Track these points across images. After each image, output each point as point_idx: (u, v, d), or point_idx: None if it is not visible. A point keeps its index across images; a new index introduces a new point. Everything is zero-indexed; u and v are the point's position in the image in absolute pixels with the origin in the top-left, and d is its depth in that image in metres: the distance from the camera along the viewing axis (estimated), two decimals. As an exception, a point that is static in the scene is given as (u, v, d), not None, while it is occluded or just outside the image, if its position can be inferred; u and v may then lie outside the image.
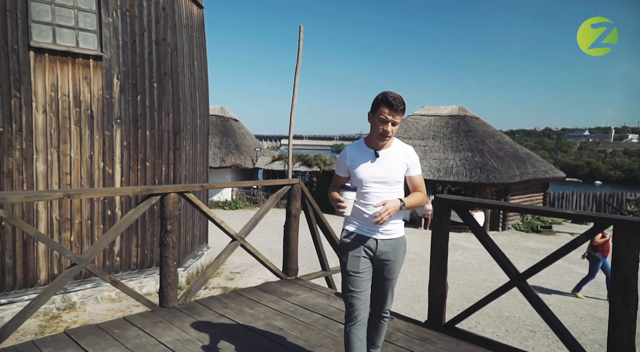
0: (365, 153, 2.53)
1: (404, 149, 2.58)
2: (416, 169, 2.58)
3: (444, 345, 3.23)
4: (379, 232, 2.50)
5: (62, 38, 7.40)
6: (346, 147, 2.63)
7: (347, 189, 2.35)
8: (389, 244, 2.51)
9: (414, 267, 11.83)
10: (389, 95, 2.37)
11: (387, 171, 2.48)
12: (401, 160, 2.52)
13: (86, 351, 2.92)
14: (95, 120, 7.80)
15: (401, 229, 2.60)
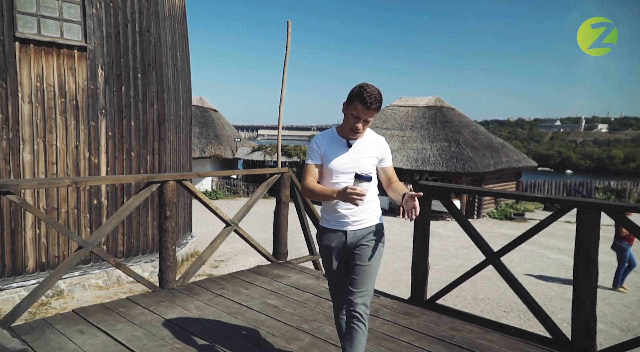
0: (338, 142, 2.44)
1: (376, 139, 2.49)
2: (389, 160, 2.52)
3: (426, 318, 3.54)
4: (349, 224, 2.40)
5: (47, 29, 7.40)
6: (317, 135, 2.53)
7: (363, 179, 2.15)
8: (359, 233, 2.41)
9: (394, 254, 12.23)
10: (365, 91, 2.25)
11: (359, 161, 2.40)
12: (373, 151, 2.44)
13: (96, 326, 3.12)
14: (80, 111, 7.84)
15: (375, 217, 2.47)
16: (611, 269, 11.28)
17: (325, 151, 2.43)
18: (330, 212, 2.46)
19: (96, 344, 2.88)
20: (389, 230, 15.84)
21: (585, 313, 3.07)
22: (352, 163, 2.39)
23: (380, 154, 2.47)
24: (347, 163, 2.39)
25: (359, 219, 2.40)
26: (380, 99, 2.28)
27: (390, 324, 3.39)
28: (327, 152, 2.42)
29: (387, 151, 2.51)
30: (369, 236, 2.42)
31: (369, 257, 2.39)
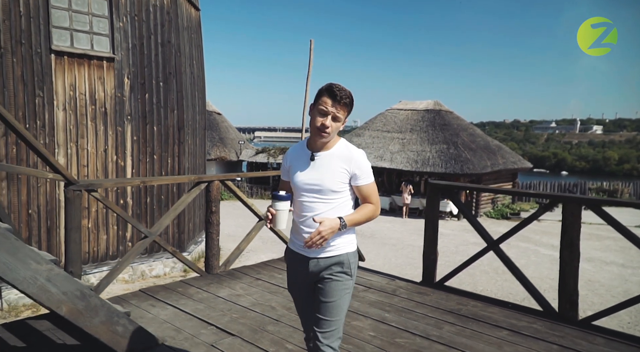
0: (303, 154, 2.16)
1: (347, 152, 2.11)
2: (365, 178, 2.11)
3: (437, 296, 4.18)
4: (312, 250, 2.08)
5: (79, 42, 8.02)
6: (291, 147, 2.30)
7: (277, 198, 1.98)
8: (322, 263, 2.10)
9: (397, 251, 12.87)
10: (334, 86, 2.03)
11: (321, 177, 2.08)
12: (341, 166, 2.08)
13: (164, 301, 3.74)
14: (108, 117, 8.45)
15: (345, 244, 2.13)
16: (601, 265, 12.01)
17: (290, 165, 2.19)
18: (295, 232, 2.20)
19: (168, 314, 3.50)
20: (390, 229, 16.50)
21: (569, 289, 3.71)
22: (313, 180, 2.08)
23: (351, 170, 2.09)
24: (308, 179, 2.09)
25: (324, 245, 2.06)
26: (351, 97, 2.06)
27: (406, 301, 4.02)
28: (292, 167, 2.17)
29: (362, 167, 2.10)
30: (334, 267, 2.09)
31: (333, 293, 2.08)
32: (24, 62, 7.36)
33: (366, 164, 2.13)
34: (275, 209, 2.01)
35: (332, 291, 2.09)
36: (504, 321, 3.61)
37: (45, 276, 2.49)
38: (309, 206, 2.10)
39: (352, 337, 3.24)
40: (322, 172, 2.09)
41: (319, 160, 2.11)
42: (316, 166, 2.10)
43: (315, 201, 2.09)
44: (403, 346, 3.13)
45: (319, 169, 2.10)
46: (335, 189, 2.08)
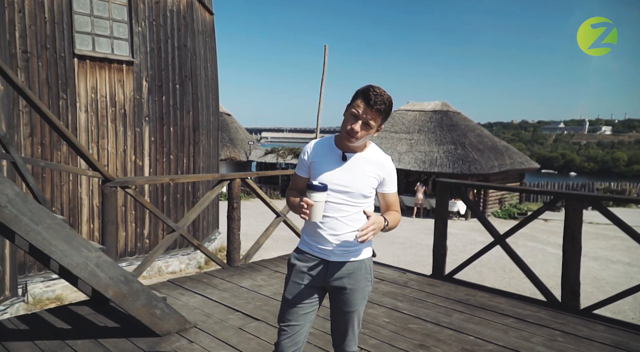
0: (331, 152, 2.06)
1: (380, 158, 2.07)
2: (392, 186, 2.10)
3: (447, 288, 4.42)
4: (333, 252, 2.02)
5: (100, 46, 8.35)
6: (311, 141, 2.18)
7: (315, 188, 1.88)
8: (344, 269, 2.02)
9: (405, 249, 13.11)
10: (371, 89, 1.91)
11: (353, 180, 2.00)
12: (373, 171, 2.04)
13: (191, 291, 4.02)
14: (127, 119, 8.77)
15: (366, 250, 2.09)
16: (607, 263, 12.18)
17: (314, 162, 2.07)
18: (311, 234, 2.08)
19: (197, 301, 3.78)
20: (398, 228, 16.72)
21: (571, 280, 3.95)
22: (344, 180, 2.00)
23: (382, 176, 2.05)
24: (339, 180, 2.00)
25: (346, 249, 2.02)
26: (389, 103, 1.94)
27: (418, 291, 4.27)
28: (317, 164, 2.05)
29: (391, 174, 2.09)
30: (357, 273, 2.04)
31: (356, 301, 2.04)
32: (48, 66, 7.70)
33: (395, 171, 2.10)
34: (312, 200, 1.87)
35: (355, 300, 2.03)
36: (509, 310, 3.85)
37: (94, 262, 2.77)
38: (336, 207, 2.00)
39: (368, 323, 3.49)
40: (354, 175, 2.01)
41: (351, 162, 2.02)
42: (348, 168, 2.01)
43: (343, 203, 2.00)
44: (415, 331, 3.38)
45: (351, 171, 2.01)
46: (366, 194, 2.02)
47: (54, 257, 2.61)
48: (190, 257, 9.81)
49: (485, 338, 3.28)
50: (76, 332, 3.17)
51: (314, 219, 1.92)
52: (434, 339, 3.24)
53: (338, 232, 2.01)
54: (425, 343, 3.18)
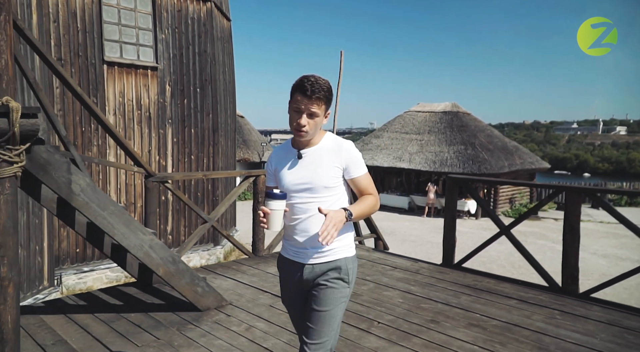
0: (289, 154, 2.01)
1: (336, 145, 1.98)
2: (358, 168, 1.98)
3: (456, 275, 4.80)
4: (307, 255, 1.96)
5: (127, 53, 8.85)
6: (274, 149, 2.13)
7: (272, 196, 1.82)
8: (317, 269, 1.96)
9: (416, 246, 13.46)
10: (305, 79, 1.87)
11: (311, 174, 1.94)
12: (331, 159, 1.95)
13: (223, 275, 4.46)
14: (152, 121, 9.27)
15: (343, 249, 1.99)
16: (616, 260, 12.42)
17: (276, 169, 2.03)
18: (288, 238, 2.05)
19: (229, 284, 4.21)
20: (409, 227, 17.07)
21: (570, 266, 4.30)
22: (304, 178, 1.94)
23: (344, 162, 1.96)
24: (297, 179, 1.95)
25: (320, 250, 1.95)
26: (327, 88, 1.89)
27: (429, 278, 4.66)
28: (278, 170, 2.02)
29: (353, 157, 1.98)
30: (330, 273, 1.95)
31: (327, 301, 1.93)
32: (80, 72, 8.21)
33: (357, 154, 1.99)
34: (269, 209, 1.82)
35: (326, 298, 1.93)
36: (514, 293, 4.21)
37: (148, 244, 3.21)
38: (302, 208, 1.93)
39: (383, 302, 3.89)
40: (311, 169, 1.94)
41: (306, 157, 1.97)
42: (304, 164, 1.96)
43: (308, 201, 1.93)
44: (427, 309, 3.77)
45: (308, 166, 1.95)
46: (328, 185, 1.93)
47: (116, 238, 3.05)
48: (210, 253, 10.27)
49: (490, 315, 3.66)
50: (128, 307, 3.61)
51: (273, 228, 1.84)
52: (443, 316, 3.63)
53: (310, 233, 1.93)
54: (436, 319, 3.56)
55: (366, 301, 3.93)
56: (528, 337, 3.26)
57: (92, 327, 3.27)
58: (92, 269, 8.41)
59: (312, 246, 1.95)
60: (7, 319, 2.60)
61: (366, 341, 3.15)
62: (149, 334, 3.17)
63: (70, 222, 3.38)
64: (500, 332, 3.33)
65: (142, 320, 3.39)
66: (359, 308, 3.75)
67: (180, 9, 9.53)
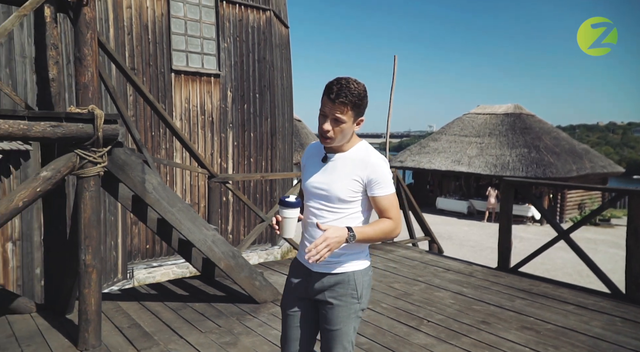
0: (318, 154, 1.92)
1: (364, 156, 1.83)
2: (382, 187, 1.81)
3: (511, 279, 4.73)
4: (315, 263, 1.79)
5: (193, 61, 9.40)
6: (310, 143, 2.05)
7: (284, 204, 1.75)
8: (325, 281, 1.85)
9: (475, 252, 13.14)
10: (334, 82, 1.74)
11: (330, 182, 1.82)
12: (354, 171, 1.81)
13: (279, 272, 4.68)
14: (214, 126, 9.77)
15: (353, 261, 1.86)
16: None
17: (305, 165, 1.98)
18: (301, 241, 1.98)
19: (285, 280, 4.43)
20: (468, 232, 16.67)
21: (634, 272, 4.13)
22: (322, 183, 1.84)
23: (366, 176, 1.81)
24: (316, 183, 1.86)
25: (329, 260, 1.82)
26: (356, 93, 1.73)
27: (482, 281, 4.63)
28: (306, 167, 1.96)
29: (379, 174, 1.81)
30: (339, 288, 1.84)
31: (337, 320, 1.85)
32: (151, 81, 8.83)
33: (385, 171, 1.82)
34: (282, 216, 1.76)
35: (336, 317, 1.85)
36: (572, 299, 4.11)
37: (211, 239, 3.48)
38: (315, 213, 1.86)
39: (434, 302, 3.94)
40: (332, 176, 1.83)
41: (332, 162, 1.85)
42: (328, 169, 1.85)
43: (321, 208, 1.84)
44: (478, 311, 3.78)
45: (329, 172, 1.84)
46: (343, 198, 1.80)
47: (183, 233, 3.34)
48: (268, 253, 10.63)
49: (545, 319, 3.61)
50: (193, 297, 3.91)
51: (285, 235, 1.79)
52: (495, 318, 3.63)
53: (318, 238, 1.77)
54: (487, 320, 3.57)
55: (417, 300, 3.99)
56: (584, 342, 3.20)
57: (161, 313, 3.58)
58: (160, 265, 8.99)
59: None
60: (91, 301, 2.94)
61: (415, 337, 3.23)
62: (212, 322, 3.44)
63: (143, 218, 3.72)
64: (555, 336, 3.28)
65: (206, 309, 3.67)
66: (409, 307, 3.82)
67: (241, 19, 9.99)
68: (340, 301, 1.84)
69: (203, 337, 3.19)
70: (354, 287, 1.84)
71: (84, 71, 2.83)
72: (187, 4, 9.26)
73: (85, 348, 2.93)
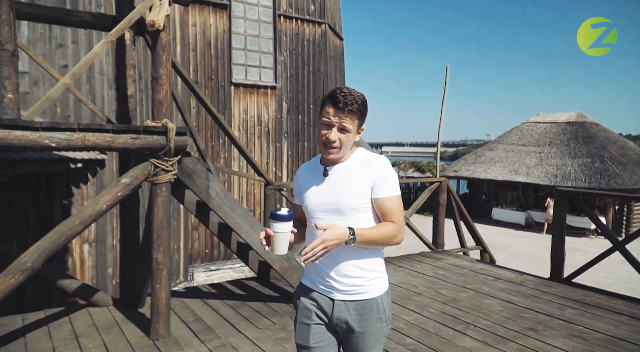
0: (315, 171, 1.84)
1: (367, 160, 1.78)
2: (387, 189, 1.74)
3: (563, 289, 4.68)
4: (335, 288, 1.74)
5: (251, 74, 9.90)
6: (301, 165, 1.96)
7: (276, 218, 1.63)
8: (351, 308, 1.75)
9: (532, 264, 12.73)
10: (337, 91, 1.70)
11: (338, 194, 1.74)
12: (360, 175, 1.74)
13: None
14: (270, 135, 10.19)
15: (378, 285, 1.78)
16: None
17: (301, 188, 1.86)
18: (313, 266, 1.81)
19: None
20: (525, 244, 16.14)
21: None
22: (329, 198, 1.75)
23: (372, 179, 1.73)
24: (323, 198, 1.77)
25: (352, 285, 1.74)
26: (362, 101, 1.72)
27: (533, 290, 4.61)
28: (303, 187, 1.85)
29: (383, 174, 1.74)
30: (366, 315, 1.75)
31: (368, 347, 1.78)
32: (212, 93, 9.39)
33: (390, 172, 1.76)
34: (273, 231, 1.63)
35: (367, 344, 1.77)
36: (626, 310, 4.03)
37: (267, 241, 3.75)
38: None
39: (482, 308, 4.00)
40: (338, 188, 1.74)
41: (333, 174, 1.77)
42: (331, 182, 1.76)
43: (336, 223, 1.68)
44: (527, 318, 3.81)
45: (334, 185, 1.75)
46: (356, 206, 1.72)
47: (242, 235, 3.64)
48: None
49: (595, 329, 3.58)
50: (250, 297, 4.21)
51: (277, 252, 1.65)
52: (543, 326, 3.65)
53: (338, 261, 1.73)
54: (535, 328, 3.60)
55: (464, 306, 4.07)
56: (633, 351, 3.18)
57: (222, 310, 3.90)
58: (218, 269, 9.46)
59: (340, 276, 1.73)
60: (162, 296, 3.29)
61: (461, 341, 3.33)
62: (268, 320, 3.70)
63: (206, 222, 4.07)
64: (603, 345, 3.27)
65: (262, 308, 3.95)
66: (456, 312, 3.91)
67: (297, 32, 10.40)
68: (369, 327, 1.75)
69: (260, 333, 3.45)
70: (383, 310, 1.77)
71: (159, 89, 3.21)
72: (247, 20, 9.78)
73: (156, 338, 3.27)
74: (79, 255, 6.05)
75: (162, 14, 2.99)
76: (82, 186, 6.05)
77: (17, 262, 2.60)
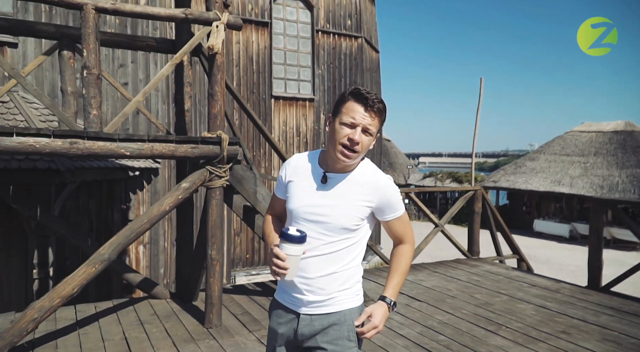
0: (312, 172, 1.62)
1: (373, 177, 1.60)
2: (396, 210, 1.63)
3: (600, 297, 4.72)
4: (303, 302, 1.58)
5: (290, 88, 10.32)
6: (294, 155, 1.72)
7: (289, 239, 1.45)
8: (317, 323, 1.58)
9: (576, 277, 12.42)
10: (360, 88, 1.56)
11: (333, 208, 1.55)
12: (362, 196, 1.57)
13: (366, 278, 5.13)
14: (308, 146, 10.54)
15: (347, 296, 1.61)
16: None
17: (291, 181, 1.64)
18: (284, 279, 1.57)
19: (372, 285, 4.87)
20: (569, 257, 15.73)
21: None
22: (321, 209, 1.56)
23: (375, 200, 1.58)
24: (314, 207, 1.57)
25: (320, 298, 1.57)
26: (383, 102, 1.56)
27: (568, 297, 4.68)
28: (293, 184, 1.63)
29: (391, 198, 1.61)
30: (332, 330, 1.57)
31: None
32: (254, 106, 9.85)
33: (396, 193, 1.62)
34: (285, 253, 1.45)
35: None
36: (663, 318, 4.06)
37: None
38: (308, 242, 1.51)
39: (514, 312, 4.13)
40: (335, 201, 1.55)
41: (332, 183, 1.57)
42: (329, 192, 1.56)
43: (318, 237, 1.54)
44: (560, 322, 3.91)
45: (330, 196, 1.56)
46: (348, 227, 1.55)
47: (286, 237, 3.94)
48: (368, 260, 11.13)
49: (630, 334, 3.65)
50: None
51: (287, 277, 1.48)
52: (576, 330, 3.74)
53: (310, 276, 1.55)
54: (568, 331, 3.70)
55: (497, 309, 4.21)
56: (667, 356, 3.25)
57: (266, 305, 4.20)
58: (258, 273, 9.83)
59: (311, 292, 1.56)
60: (215, 289, 3.63)
61: (492, 339, 3.49)
62: (308, 316, 3.98)
63: (251, 225, 4.39)
64: (637, 349, 3.35)
65: (303, 305, 4.23)
66: (489, 314, 4.06)
67: (335, 46, 10.76)
68: (335, 346, 1.55)
69: (301, 327, 3.73)
70: (351, 327, 1.57)
71: (215, 104, 3.58)
72: (287, 36, 10.24)
73: (210, 326, 3.61)
74: (135, 256, 6.54)
75: (219, 39, 3.36)
76: (138, 192, 6.56)
77: (96, 254, 3.00)
